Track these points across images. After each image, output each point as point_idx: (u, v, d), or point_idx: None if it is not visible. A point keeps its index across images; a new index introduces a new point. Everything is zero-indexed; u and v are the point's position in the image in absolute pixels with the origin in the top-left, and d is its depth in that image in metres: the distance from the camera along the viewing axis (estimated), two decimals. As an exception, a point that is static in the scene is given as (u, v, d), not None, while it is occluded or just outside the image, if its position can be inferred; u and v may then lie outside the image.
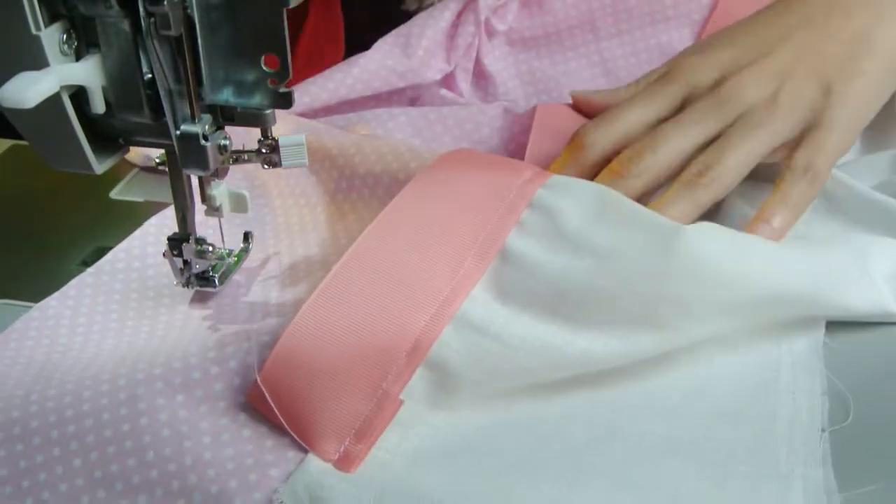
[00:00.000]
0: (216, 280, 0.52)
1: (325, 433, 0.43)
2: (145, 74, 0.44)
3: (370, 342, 0.44)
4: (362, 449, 0.43)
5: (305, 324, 0.45)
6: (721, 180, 0.52)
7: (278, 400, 0.43)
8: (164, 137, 0.46)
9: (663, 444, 0.43)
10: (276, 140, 0.48)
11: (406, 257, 0.47)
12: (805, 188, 0.53)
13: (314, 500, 0.41)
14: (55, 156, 0.47)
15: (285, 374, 0.44)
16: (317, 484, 0.41)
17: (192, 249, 0.51)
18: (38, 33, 0.42)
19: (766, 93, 0.54)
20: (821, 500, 0.40)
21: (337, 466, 0.43)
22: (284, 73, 0.44)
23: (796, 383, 0.46)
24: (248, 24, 0.43)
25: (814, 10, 0.56)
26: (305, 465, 0.43)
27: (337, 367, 0.44)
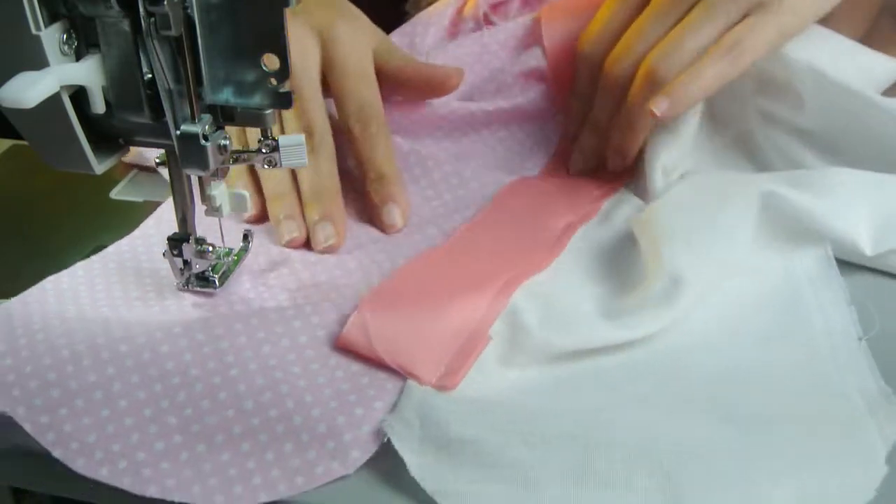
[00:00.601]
0: (216, 280, 0.52)
1: (423, 359, 0.45)
2: (145, 74, 0.45)
3: (458, 288, 0.49)
4: (458, 371, 0.45)
5: (397, 274, 0.51)
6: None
7: (374, 335, 0.46)
8: (164, 137, 0.46)
9: (722, 375, 0.46)
10: (276, 140, 0.48)
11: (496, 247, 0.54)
12: (724, 67, 0.53)
13: (425, 420, 0.43)
14: (55, 156, 0.47)
15: (380, 312, 0.47)
16: (425, 404, 0.43)
17: (192, 249, 0.51)
18: (38, 33, 0.42)
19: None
20: (882, 405, 0.43)
21: (436, 387, 0.45)
22: (284, 72, 0.44)
23: (819, 296, 0.50)
24: (248, 24, 0.43)
25: None
26: (408, 393, 0.44)
27: (431, 304, 0.48)
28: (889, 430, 0.42)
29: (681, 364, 0.48)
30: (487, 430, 0.42)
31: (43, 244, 0.58)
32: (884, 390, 0.44)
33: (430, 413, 0.43)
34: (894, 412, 0.43)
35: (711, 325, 0.50)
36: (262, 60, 0.44)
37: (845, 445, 0.42)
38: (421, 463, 0.41)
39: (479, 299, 0.49)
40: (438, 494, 0.40)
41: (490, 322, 0.48)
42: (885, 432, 0.42)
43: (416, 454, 0.42)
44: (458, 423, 0.42)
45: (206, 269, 0.52)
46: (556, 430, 0.42)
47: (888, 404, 0.43)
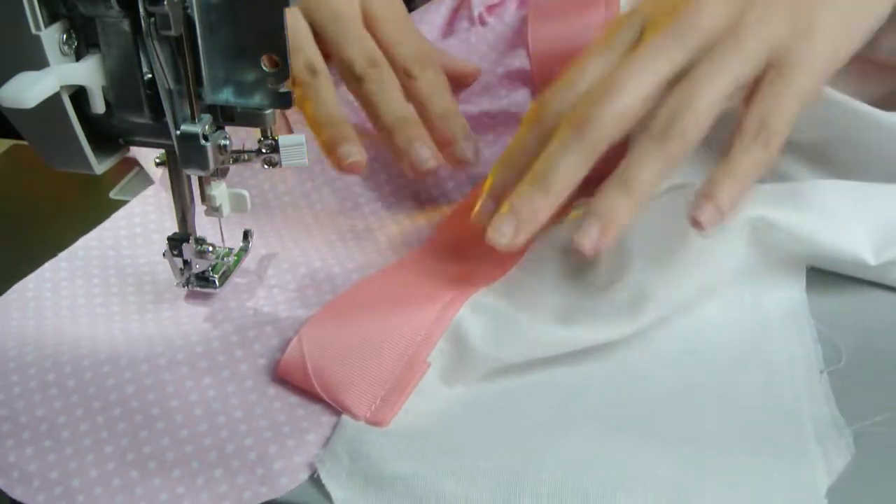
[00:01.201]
0: (216, 280, 0.52)
1: (357, 394, 0.45)
2: (145, 74, 0.44)
3: (400, 312, 0.48)
4: (394, 405, 0.45)
5: (342, 297, 0.50)
6: (691, 129, 0.46)
7: (311, 367, 0.46)
8: (164, 137, 0.46)
9: (677, 394, 0.45)
10: (276, 140, 0.48)
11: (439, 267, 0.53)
12: (758, 154, 0.46)
13: (354, 455, 0.43)
14: (55, 156, 0.47)
15: (318, 343, 0.47)
16: (356, 440, 0.43)
17: (192, 249, 0.51)
18: (38, 33, 0.42)
19: (728, 18, 0.47)
20: (832, 435, 0.43)
21: (370, 422, 0.45)
22: (284, 72, 0.44)
23: (786, 331, 0.49)
24: (248, 24, 0.43)
25: None
26: (341, 427, 0.44)
27: (369, 333, 0.47)
28: (835, 463, 0.42)
29: (635, 378, 0.47)
30: (417, 463, 0.42)
31: (42, 244, 0.58)
32: (836, 420, 0.43)
33: (360, 448, 0.43)
34: (843, 444, 0.42)
35: (672, 344, 0.49)
36: (262, 60, 0.44)
37: (787, 474, 0.41)
38: (346, 497, 0.41)
39: (422, 321, 0.48)
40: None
41: (431, 345, 0.48)
42: (830, 463, 0.41)
43: (343, 489, 0.42)
44: (388, 457, 0.42)
45: (206, 269, 0.52)
46: (485, 463, 0.42)
47: (837, 435, 0.43)
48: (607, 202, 0.46)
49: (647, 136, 0.46)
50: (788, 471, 0.41)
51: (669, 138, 0.46)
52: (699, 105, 0.46)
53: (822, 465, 0.41)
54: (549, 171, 0.47)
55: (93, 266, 0.55)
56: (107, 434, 0.45)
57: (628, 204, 0.46)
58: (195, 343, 0.49)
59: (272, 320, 0.51)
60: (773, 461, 0.42)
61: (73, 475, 0.43)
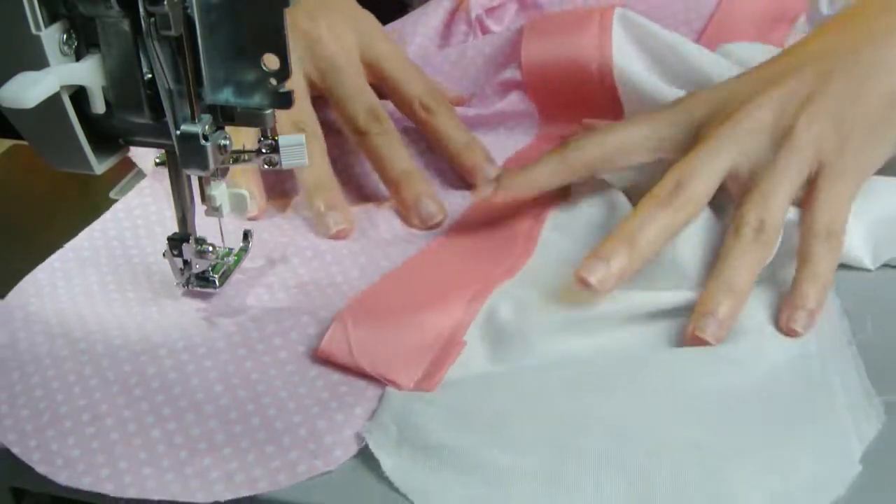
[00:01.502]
0: (216, 280, 0.52)
1: (400, 366, 0.47)
2: (145, 74, 0.44)
3: (433, 298, 0.51)
4: (435, 375, 0.47)
5: (377, 284, 0.52)
6: (772, 232, 0.50)
7: (353, 344, 0.48)
8: (164, 137, 0.46)
9: (708, 362, 0.46)
10: (276, 140, 0.48)
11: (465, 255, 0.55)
12: (830, 256, 0.50)
13: (402, 424, 0.44)
14: (55, 156, 0.47)
15: (359, 322, 0.49)
16: (403, 410, 0.45)
17: (192, 249, 0.51)
18: (38, 33, 0.42)
19: (783, 122, 0.51)
20: (862, 404, 0.44)
21: (415, 390, 0.46)
22: (284, 72, 0.44)
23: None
24: (248, 24, 0.43)
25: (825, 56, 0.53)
26: (387, 399, 0.46)
27: (407, 313, 0.50)
28: (866, 430, 0.42)
29: (666, 351, 0.48)
30: (464, 433, 0.43)
31: (43, 244, 0.58)
32: (867, 390, 0.44)
33: (408, 418, 0.44)
34: (874, 413, 0.43)
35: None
36: (262, 60, 0.44)
37: (821, 440, 0.42)
38: (396, 464, 0.43)
39: (453, 307, 0.50)
40: (413, 493, 0.42)
41: (464, 328, 0.50)
42: (861, 431, 0.42)
43: (392, 456, 0.43)
44: (434, 427, 0.44)
45: (206, 269, 0.52)
46: (529, 433, 0.43)
47: (868, 404, 0.44)
48: (714, 302, 0.48)
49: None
50: (822, 437, 0.42)
51: (760, 242, 0.49)
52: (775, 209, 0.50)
53: (853, 433, 0.42)
54: (638, 231, 0.50)
55: (100, 257, 0.55)
56: (153, 419, 0.45)
57: (732, 304, 0.48)
58: (232, 332, 0.50)
59: (309, 311, 0.51)
60: (807, 428, 0.42)
61: (120, 458, 0.43)
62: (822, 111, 0.51)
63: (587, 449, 0.42)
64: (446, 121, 0.62)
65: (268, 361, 0.48)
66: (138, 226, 0.58)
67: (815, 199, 0.51)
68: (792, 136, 0.51)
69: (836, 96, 0.52)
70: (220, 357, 0.48)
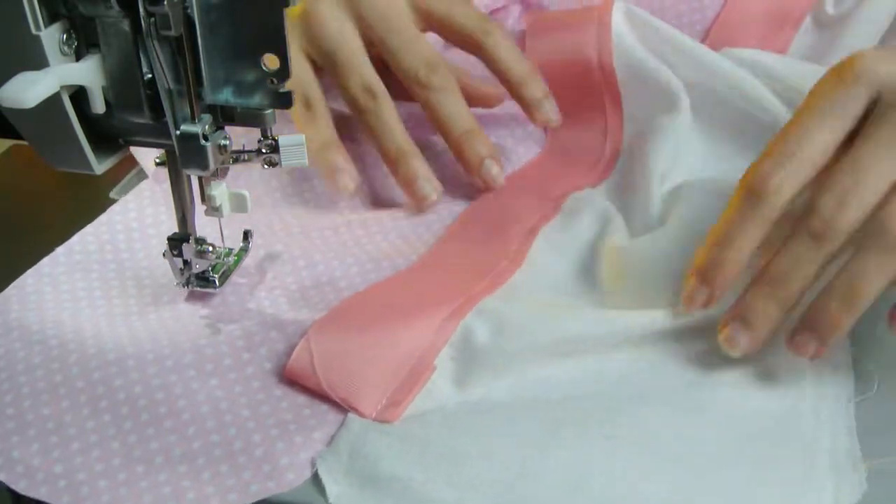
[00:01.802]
0: (216, 280, 0.52)
1: (365, 393, 0.46)
2: (145, 74, 0.44)
3: (406, 317, 0.49)
4: (399, 405, 0.46)
5: (348, 301, 0.51)
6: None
7: (319, 367, 0.47)
8: (164, 137, 0.46)
9: (692, 410, 0.45)
10: (276, 140, 0.48)
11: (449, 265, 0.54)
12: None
13: (354, 453, 0.43)
14: (55, 156, 0.47)
15: (326, 344, 0.48)
16: (359, 439, 0.44)
17: (192, 249, 0.51)
18: (38, 33, 0.42)
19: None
20: (846, 469, 0.42)
21: (377, 420, 0.45)
22: (284, 72, 0.44)
23: (821, 361, 0.46)
24: (248, 24, 0.43)
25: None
26: (346, 425, 0.45)
27: (376, 336, 0.48)
28: (845, 497, 0.41)
29: (650, 387, 0.46)
30: (415, 467, 0.42)
31: (43, 244, 0.58)
32: (854, 454, 0.42)
33: (361, 448, 0.44)
34: (856, 480, 0.41)
35: (695, 358, 0.48)
36: (262, 60, 0.44)
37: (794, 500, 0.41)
38: (342, 491, 0.42)
39: (427, 326, 0.49)
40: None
41: (437, 350, 0.49)
42: (839, 498, 0.41)
43: (339, 484, 0.42)
44: (387, 457, 0.43)
45: (206, 269, 0.52)
46: (481, 473, 0.42)
47: (852, 470, 0.42)
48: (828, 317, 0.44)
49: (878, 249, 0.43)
50: (792, 500, 0.41)
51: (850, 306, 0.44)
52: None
53: (829, 499, 0.40)
54: (785, 279, 0.45)
55: (91, 262, 0.55)
56: (113, 431, 0.45)
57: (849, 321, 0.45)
58: (203, 346, 0.50)
59: (277, 325, 0.51)
60: (779, 489, 0.41)
61: (78, 469, 0.44)
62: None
63: (534, 497, 0.41)
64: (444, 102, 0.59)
65: (233, 378, 0.48)
66: (132, 229, 0.58)
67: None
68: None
69: None
70: (187, 373, 0.48)
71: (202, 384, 0.47)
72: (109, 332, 0.51)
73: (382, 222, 0.59)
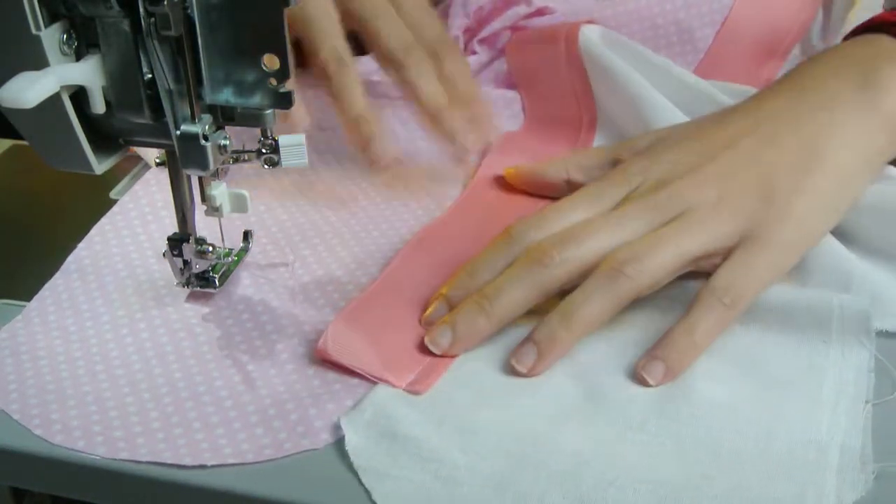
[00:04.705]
0: (216, 280, 0.52)
1: (394, 368, 0.48)
2: (145, 74, 0.44)
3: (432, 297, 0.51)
4: (428, 378, 0.47)
5: (385, 280, 0.53)
6: (649, 274, 0.47)
7: (349, 348, 0.48)
8: (164, 137, 0.46)
9: (710, 404, 0.46)
10: (276, 140, 0.48)
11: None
12: (720, 315, 0.47)
13: (378, 412, 0.45)
14: (55, 156, 0.47)
15: (356, 325, 0.50)
16: (384, 402, 0.46)
17: (192, 249, 0.51)
18: (38, 33, 0.42)
19: (708, 197, 0.50)
20: (855, 469, 0.42)
21: (407, 390, 0.47)
22: (284, 72, 0.44)
23: (845, 358, 0.48)
24: (248, 24, 0.43)
25: (761, 117, 0.53)
26: (374, 391, 0.47)
27: (404, 317, 0.51)
28: (846, 495, 0.41)
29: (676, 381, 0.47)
30: (432, 431, 0.44)
31: (43, 244, 0.58)
32: (865, 454, 0.43)
33: (384, 409, 0.45)
34: (861, 479, 0.42)
35: (723, 352, 0.48)
36: (262, 60, 0.44)
37: (792, 499, 0.41)
38: (360, 442, 0.44)
39: None
40: (362, 470, 0.43)
41: None
42: (841, 496, 0.41)
43: (359, 435, 0.44)
44: (406, 422, 0.45)
45: (207, 269, 0.52)
46: (496, 444, 0.44)
47: (860, 469, 0.42)
48: (548, 332, 0.48)
49: (600, 271, 0.48)
50: (794, 494, 0.41)
51: (623, 276, 0.47)
52: (661, 255, 0.48)
53: (832, 495, 0.41)
54: (495, 297, 0.49)
55: (88, 281, 0.55)
56: (152, 404, 0.47)
57: (568, 337, 0.47)
58: (233, 334, 0.51)
59: (309, 312, 0.52)
60: (783, 485, 0.42)
61: (116, 428, 0.45)
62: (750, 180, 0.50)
63: (546, 465, 0.43)
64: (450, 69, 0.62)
65: (268, 363, 0.49)
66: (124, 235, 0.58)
67: (727, 259, 0.49)
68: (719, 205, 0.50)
69: (771, 166, 0.51)
70: (225, 361, 0.49)
71: (238, 368, 0.49)
72: (145, 331, 0.51)
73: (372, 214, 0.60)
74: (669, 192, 0.50)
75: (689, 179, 0.51)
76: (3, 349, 0.50)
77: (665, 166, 0.52)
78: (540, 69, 0.69)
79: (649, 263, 0.48)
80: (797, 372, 0.47)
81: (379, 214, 0.60)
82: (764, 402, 0.46)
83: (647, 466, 0.42)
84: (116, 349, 0.50)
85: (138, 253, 0.56)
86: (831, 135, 0.52)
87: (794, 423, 0.44)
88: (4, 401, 0.47)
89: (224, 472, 0.44)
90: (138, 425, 0.46)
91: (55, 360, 0.49)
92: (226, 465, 0.44)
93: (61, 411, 0.46)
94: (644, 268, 0.47)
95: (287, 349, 0.50)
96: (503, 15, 0.71)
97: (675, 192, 0.50)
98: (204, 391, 0.47)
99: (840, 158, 0.51)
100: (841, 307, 0.49)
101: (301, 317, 0.52)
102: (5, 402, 0.47)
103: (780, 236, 0.49)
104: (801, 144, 0.51)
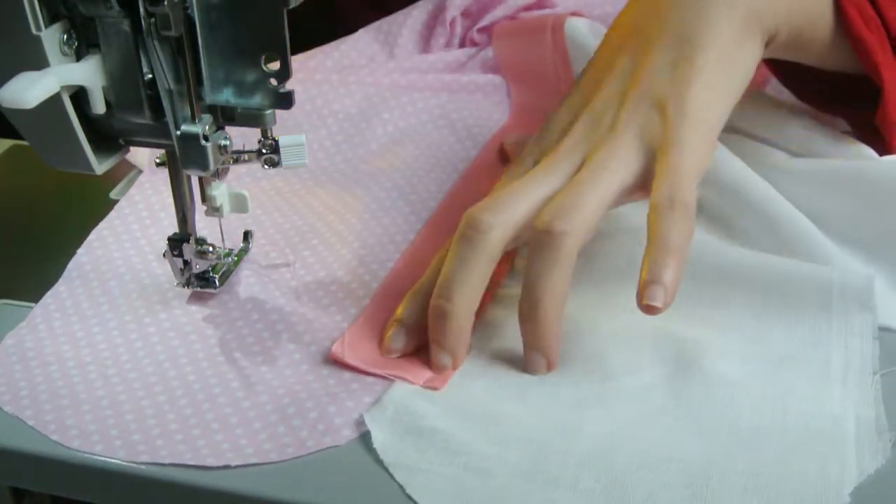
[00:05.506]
0: (216, 280, 0.52)
1: (412, 367, 0.48)
2: (145, 74, 0.45)
3: None
4: (445, 375, 0.48)
5: (393, 281, 0.54)
6: (578, 222, 0.46)
7: (367, 350, 0.49)
8: (164, 137, 0.46)
9: (724, 383, 0.46)
10: (276, 140, 0.48)
11: None
12: (680, 224, 0.46)
13: (399, 408, 0.45)
14: (55, 156, 0.47)
15: (373, 328, 0.50)
16: (405, 398, 0.46)
17: (192, 249, 0.51)
18: (38, 33, 0.42)
19: (605, 129, 0.50)
20: (873, 439, 0.43)
21: (425, 386, 0.47)
22: (285, 73, 0.44)
23: (848, 326, 0.49)
24: (248, 24, 0.43)
25: (634, 33, 0.53)
26: (393, 388, 0.47)
27: None
28: (868, 463, 0.42)
29: (689, 363, 0.48)
30: (457, 423, 0.45)
31: (43, 244, 0.58)
32: (880, 423, 0.44)
33: (406, 404, 0.46)
34: (879, 448, 0.43)
35: (729, 331, 0.49)
36: (262, 60, 0.44)
37: (815, 471, 0.42)
38: (387, 439, 0.44)
39: None
40: (392, 466, 0.43)
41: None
42: (862, 464, 0.42)
43: (385, 432, 0.44)
44: (430, 416, 0.45)
45: (207, 270, 0.52)
46: (520, 432, 0.44)
47: (877, 439, 0.43)
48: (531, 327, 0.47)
49: (535, 242, 0.47)
50: (817, 467, 0.42)
51: (556, 237, 0.46)
52: (583, 200, 0.47)
53: (853, 465, 0.42)
54: (450, 290, 0.48)
55: (91, 287, 0.54)
56: (168, 407, 0.47)
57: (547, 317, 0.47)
58: (244, 336, 0.51)
59: (314, 315, 0.52)
60: (805, 458, 0.42)
61: (134, 432, 0.45)
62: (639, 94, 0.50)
63: (573, 450, 0.43)
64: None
65: (283, 364, 0.49)
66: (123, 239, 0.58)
67: (655, 176, 0.48)
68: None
69: (650, 73, 0.50)
70: (240, 363, 0.49)
71: (254, 370, 0.49)
72: (154, 335, 0.51)
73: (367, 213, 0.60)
74: (570, 140, 0.50)
75: (582, 119, 0.51)
76: (11, 356, 0.50)
77: (560, 120, 0.53)
78: (526, 59, 0.70)
79: (575, 213, 0.47)
80: (802, 344, 0.48)
81: (379, 208, 0.59)
82: (775, 377, 0.47)
83: (672, 446, 0.43)
84: (127, 353, 0.50)
85: (139, 256, 0.56)
86: (701, 16, 0.51)
87: (806, 397, 0.45)
88: (17, 407, 0.47)
89: (229, 475, 0.44)
90: (156, 427, 0.46)
91: (65, 366, 0.49)
92: (248, 466, 0.44)
93: (76, 416, 0.46)
94: (571, 217, 0.46)
95: (299, 349, 0.50)
96: (505, 3, 0.72)
97: (572, 138, 0.50)
98: (220, 392, 0.47)
99: (715, 34, 0.50)
100: (841, 277, 0.51)
101: (309, 315, 0.52)
102: (18, 409, 0.47)
103: (686, 137, 0.48)
104: (674, 38, 0.51)
